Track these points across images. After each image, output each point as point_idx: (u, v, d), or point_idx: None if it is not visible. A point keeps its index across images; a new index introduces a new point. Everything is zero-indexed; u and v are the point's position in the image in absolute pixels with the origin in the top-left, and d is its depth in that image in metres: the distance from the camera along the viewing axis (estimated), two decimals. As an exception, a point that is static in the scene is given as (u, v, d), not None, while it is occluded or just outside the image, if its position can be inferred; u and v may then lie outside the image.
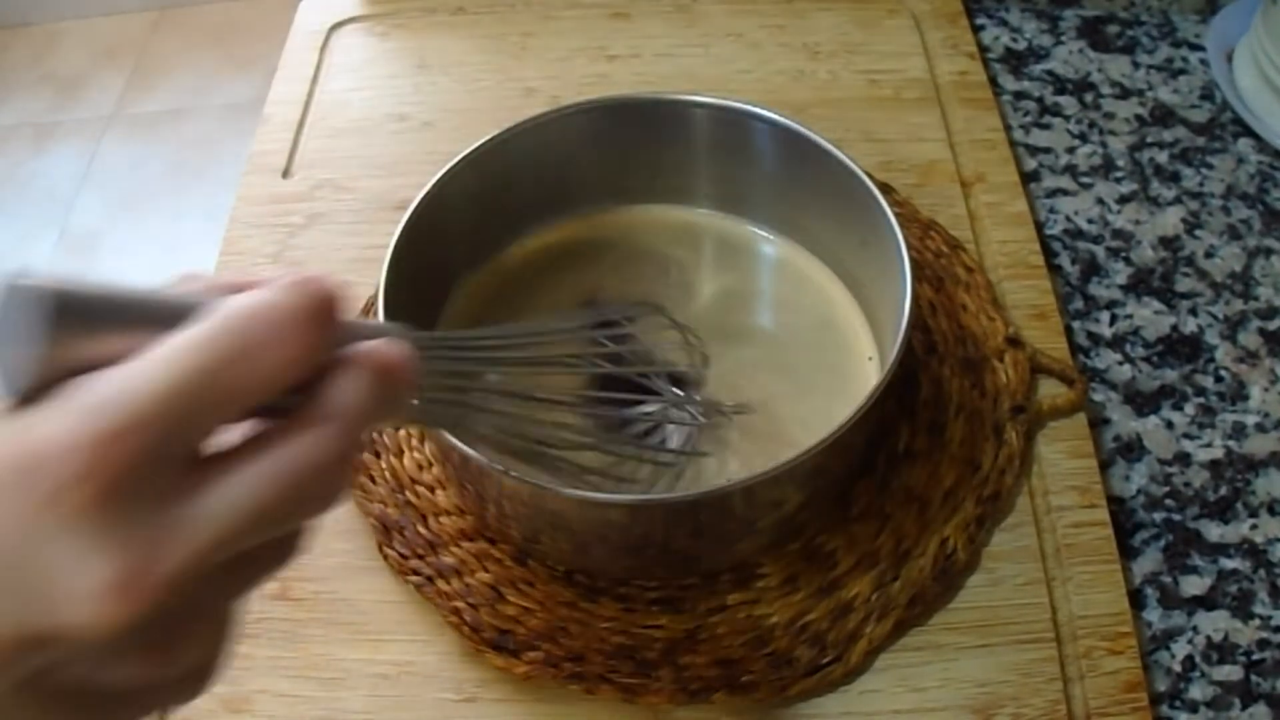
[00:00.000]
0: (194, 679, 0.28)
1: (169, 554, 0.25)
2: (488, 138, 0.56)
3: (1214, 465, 0.55)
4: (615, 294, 0.58)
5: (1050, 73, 0.73)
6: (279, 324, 0.26)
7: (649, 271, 0.60)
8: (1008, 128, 0.69)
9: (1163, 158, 0.68)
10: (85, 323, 0.26)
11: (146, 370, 0.25)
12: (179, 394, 0.25)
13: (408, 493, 0.54)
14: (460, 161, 0.55)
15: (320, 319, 0.27)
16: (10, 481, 0.24)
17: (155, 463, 0.25)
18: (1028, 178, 0.67)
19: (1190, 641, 0.49)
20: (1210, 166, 0.67)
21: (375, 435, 0.55)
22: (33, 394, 0.25)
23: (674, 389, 0.53)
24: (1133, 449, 0.56)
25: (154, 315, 0.27)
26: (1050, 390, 0.56)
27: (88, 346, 0.26)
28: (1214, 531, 0.53)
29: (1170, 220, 0.65)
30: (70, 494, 0.24)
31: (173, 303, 0.27)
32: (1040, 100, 0.71)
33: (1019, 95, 0.72)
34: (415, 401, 0.36)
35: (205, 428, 0.26)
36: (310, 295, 0.27)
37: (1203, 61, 0.73)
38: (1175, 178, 0.67)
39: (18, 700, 0.26)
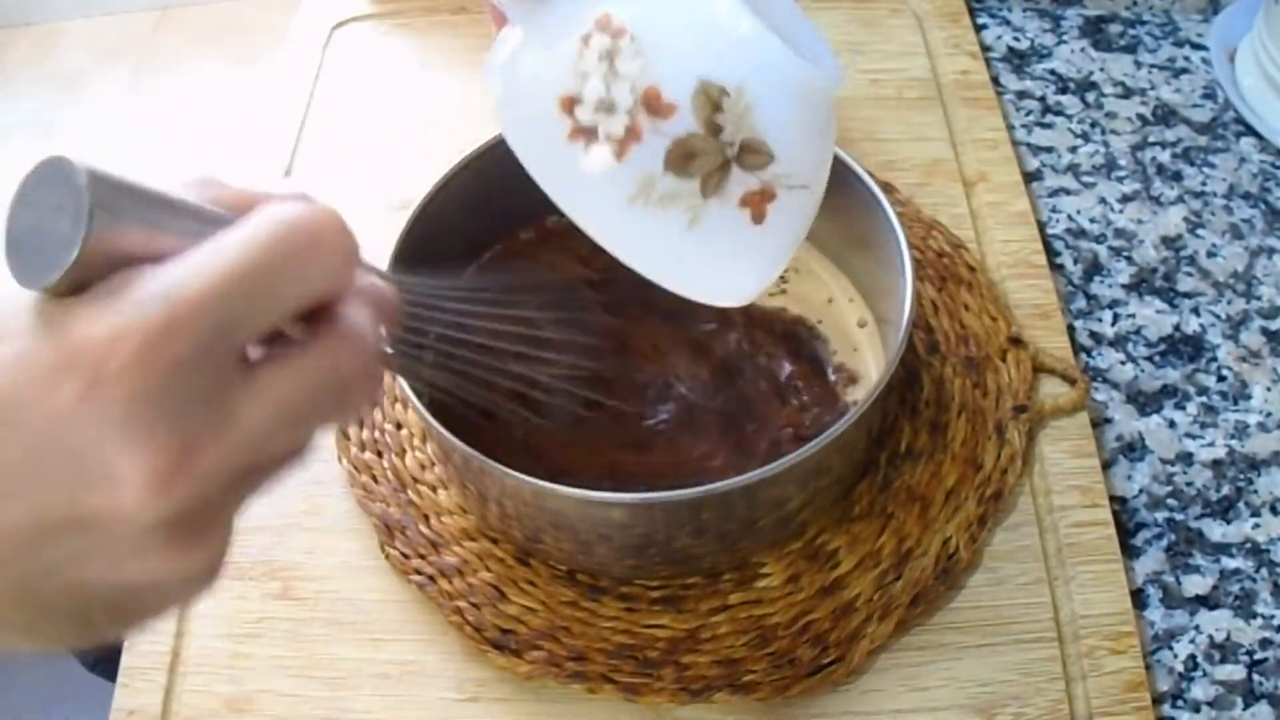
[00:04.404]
0: (199, 579, 0.28)
1: (210, 446, 0.25)
2: (490, 138, 0.56)
3: (1216, 465, 0.55)
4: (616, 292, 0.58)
5: (1052, 72, 0.73)
6: (324, 232, 0.27)
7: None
8: (1010, 127, 0.69)
9: (1165, 157, 0.68)
10: (123, 212, 0.25)
11: (198, 267, 0.25)
12: (230, 292, 0.25)
13: (410, 492, 0.54)
14: (462, 161, 0.55)
15: (352, 236, 0.28)
16: (55, 370, 0.24)
17: (201, 358, 0.25)
18: (1030, 177, 0.67)
19: (1192, 641, 0.49)
20: (1212, 166, 0.67)
21: (378, 435, 0.56)
22: (69, 285, 0.25)
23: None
24: (1135, 448, 0.56)
25: (190, 218, 0.27)
26: (1052, 390, 0.56)
27: (125, 238, 0.25)
28: (1216, 531, 0.53)
29: (1172, 219, 0.65)
30: (117, 384, 0.24)
31: (206, 211, 0.27)
32: (1042, 99, 0.71)
33: (1021, 94, 0.72)
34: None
35: (251, 328, 0.26)
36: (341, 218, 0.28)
37: (1205, 61, 0.73)
38: (1177, 177, 0.67)
39: (27, 595, 0.26)
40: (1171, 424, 0.56)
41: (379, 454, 0.55)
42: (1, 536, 0.25)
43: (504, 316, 0.46)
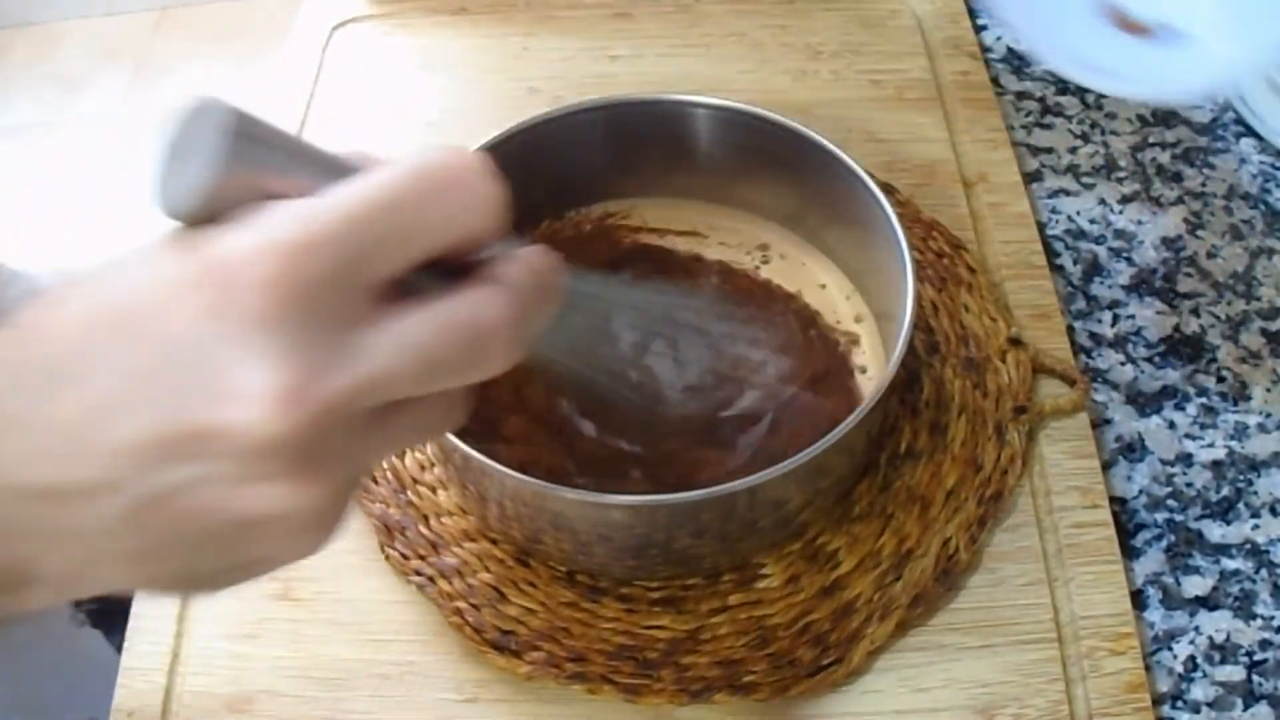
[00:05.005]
0: (310, 529, 0.27)
1: (337, 375, 0.25)
2: (490, 138, 0.56)
3: (1216, 465, 0.55)
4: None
5: (1052, 73, 0.73)
6: (465, 175, 0.27)
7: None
8: (1010, 128, 0.69)
9: (1165, 158, 0.68)
10: (262, 152, 0.26)
11: (338, 196, 0.25)
12: (366, 222, 0.25)
13: (409, 493, 0.54)
14: (462, 162, 0.55)
15: (499, 185, 0.27)
16: (185, 284, 0.24)
17: (336, 284, 0.25)
18: (1030, 178, 0.67)
19: (1192, 642, 0.49)
20: (1212, 167, 0.67)
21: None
22: (208, 214, 0.25)
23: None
24: (1135, 449, 0.56)
25: (325, 164, 0.27)
26: (1052, 390, 0.56)
27: (263, 177, 0.26)
28: (1216, 532, 0.53)
29: (1172, 220, 0.65)
30: (251, 298, 0.24)
31: (341, 161, 0.28)
32: (1042, 100, 0.71)
33: (1021, 95, 0.72)
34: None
35: (388, 263, 0.26)
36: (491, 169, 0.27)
37: (1205, 61, 0.73)
38: (1177, 178, 0.67)
39: (139, 520, 0.26)
40: (1171, 425, 0.56)
41: (379, 454, 0.55)
42: (120, 451, 0.25)
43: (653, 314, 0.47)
